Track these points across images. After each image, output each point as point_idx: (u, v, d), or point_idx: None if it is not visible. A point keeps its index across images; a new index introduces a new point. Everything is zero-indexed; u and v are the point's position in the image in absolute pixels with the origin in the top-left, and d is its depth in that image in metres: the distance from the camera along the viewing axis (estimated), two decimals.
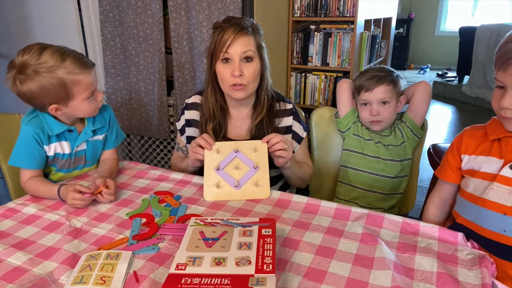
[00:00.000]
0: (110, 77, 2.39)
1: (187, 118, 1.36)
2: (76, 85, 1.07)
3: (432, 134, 3.69)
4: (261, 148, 1.12)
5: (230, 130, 1.31)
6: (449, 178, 1.03)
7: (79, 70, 1.06)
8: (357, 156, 1.39)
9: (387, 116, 1.31)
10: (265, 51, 1.24)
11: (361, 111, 1.34)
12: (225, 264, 0.73)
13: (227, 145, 1.13)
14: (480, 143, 0.96)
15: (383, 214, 0.98)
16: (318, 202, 1.05)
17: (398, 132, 1.36)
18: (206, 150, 1.12)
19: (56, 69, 1.03)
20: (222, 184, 1.10)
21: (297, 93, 2.82)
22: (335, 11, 2.56)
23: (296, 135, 1.32)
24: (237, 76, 1.15)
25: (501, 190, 0.88)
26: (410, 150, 1.37)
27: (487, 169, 0.92)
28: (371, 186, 1.37)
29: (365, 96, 1.30)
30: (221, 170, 1.10)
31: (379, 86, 1.28)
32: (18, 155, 1.13)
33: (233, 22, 1.17)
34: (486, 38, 4.44)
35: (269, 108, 1.28)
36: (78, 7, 2.26)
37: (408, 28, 6.61)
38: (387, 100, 1.29)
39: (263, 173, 1.10)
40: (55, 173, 1.23)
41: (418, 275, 0.76)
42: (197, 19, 2.02)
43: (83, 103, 1.11)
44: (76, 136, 1.19)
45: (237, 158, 1.12)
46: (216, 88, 1.26)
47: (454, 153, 1.01)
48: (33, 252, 0.85)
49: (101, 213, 1.03)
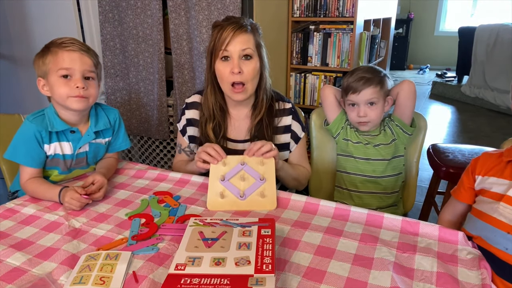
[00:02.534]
0: (109, 78, 2.38)
1: (188, 118, 1.35)
2: (52, 58, 1.10)
3: (431, 134, 3.69)
4: (268, 161, 1.10)
5: (229, 130, 1.31)
6: (462, 198, 1.07)
7: (63, 46, 1.10)
8: (348, 160, 1.40)
9: (375, 118, 1.32)
10: (264, 50, 1.24)
11: (349, 111, 1.35)
12: (225, 264, 0.73)
13: (233, 158, 1.12)
14: (495, 165, 0.99)
15: (383, 214, 0.98)
16: (317, 201, 1.05)
17: (388, 130, 1.36)
18: (213, 166, 1.11)
19: (52, 45, 1.12)
20: (226, 194, 1.06)
21: (297, 93, 2.82)
22: (334, 11, 2.56)
23: (294, 135, 1.32)
24: (236, 73, 1.15)
25: (507, 210, 0.90)
26: (401, 147, 1.37)
27: (497, 189, 0.95)
28: (365, 187, 1.37)
29: (352, 98, 1.31)
30: (226, 180, 1.08)
31: (367, 88, 1.28)
32: (15, 149, 1.13)
33: (232, 21, 1.18)
34: (485, 38, 4.44)
35: (268, 108, 1.28)
36: (77, 7, 2.26)
37: (407, 28, 6.61)
38: (374, 101, 1.30)
39: (269, 185, 1.07)
40: (58, 175, 1.21)
41: (418, 275, 0.76)
42: (197, 19, 2.02)
43: (57, 82, 1.10)
44: (79, 138, 1.19)
45: (243, 170, 1.09)
46: (215, 88, 1.26)
47: (469, 174, 1.05)
48: (32, 253, 0.85)
49: (100, 213, 1.03)
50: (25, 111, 1.18)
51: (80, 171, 1.25)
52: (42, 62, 1.11)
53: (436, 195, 1.77)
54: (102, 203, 1.08)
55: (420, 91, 5.45)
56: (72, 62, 1.10)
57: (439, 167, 1.63)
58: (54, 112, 1.15)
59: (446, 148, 1.76)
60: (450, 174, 1.59)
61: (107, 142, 1.28)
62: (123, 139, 1.32)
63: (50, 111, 1.15)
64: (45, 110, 1.16)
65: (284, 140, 1.31)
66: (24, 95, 2.67)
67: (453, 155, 1.67)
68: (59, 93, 1.10)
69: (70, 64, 1.09)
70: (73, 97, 1.11)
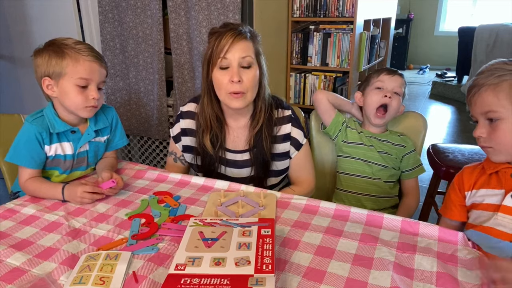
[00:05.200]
0: (109, 78, 2.38)
1: (183, 127, 1.32)
2: (72, 64, 1.08)
3: (431, 134, 3.69)
4: (269, 195, 1.09)
5: (228, 141, 1.28)
6: (454, 216, 1.03)
7: (83, 54, 1.09)
8: (347, 161, 1.40)
9: (394, 107, 1.32)
10: (263, 58, 1.20)
11: (373, 95, 1.33)
12: (225, 264, 0.73)
13: (234, 193, 1.11)
14: (479, 177, 0.98)
15: (383, 214, 0.98)
16: (317, 202, 1.05)
17: (395, 149, 1.37)
18: (213, 194, 1.10)
19: (67, 47, 1.08)
20: (220, 215, 1.01)
21: (297, 93, 2.83)
22: (334, 11, 2.57)
23: (295, 141, 1.27)
24: (236, 82, 1.11)
25: (506, 220, 0.88)
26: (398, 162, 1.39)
27: (490, 200, 0.93)
28: (363, 189, 1.37)
29: (384, 79, 1.33)
30: (223, 206, 1.04)
31: (399, 76, 1.35)
32: (17, 152, 1.12)
33: (231, 27, 1.14)
34: (485, 38, 4.44)
35: (268, 118, 1.24)
36: (77, 7, 2.26)
37: (407, 28, 6.61)
38: (398, 92, 1.33)
39: (269, 212, 1.01)
40: (59, 175, 1.21)
41: (418, 275, 0.76)
42: (197, 19, 2.02)
43: (72, 89, 1.09)
44: (79, 137, 1.19)
45: (242, 200, 1.06)
46: (212, 98, 1.21)
47: (457, 192, 1.03)
48: (32, 253, 0.85)
49: (100, 213, 1.03)
50: (25, 111, 1.18)
51: (79, 173, 1.25)
52: (55, 63, 1.08)
53: (436, 195, 1.77)
54: (102, 203, 1.08)
55: (420, 91, 5.45)
56: (92, 73, 1.10)
57: (439, 167, 1.63)
58: (53, 113, 1.15)
59: (446, 148, 1.76)
60: (450, 174, 1.59)
61: (106, 140, 1.28)
62: (120, 136, 1.33)
63: (50, 112, 1.15)
64: (43, 110, 1.15)
65: (284, 148, 1.27)
66: (24, 95, 2.67)
67: (453, 155, 1.67)
68: (74, 102, 1.10)
69: (90, 75, 1.10)
70: (87, 107, 1.12)
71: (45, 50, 1.10)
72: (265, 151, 1.24)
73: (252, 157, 1.26)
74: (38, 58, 1.10)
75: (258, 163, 1.26)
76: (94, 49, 1.13)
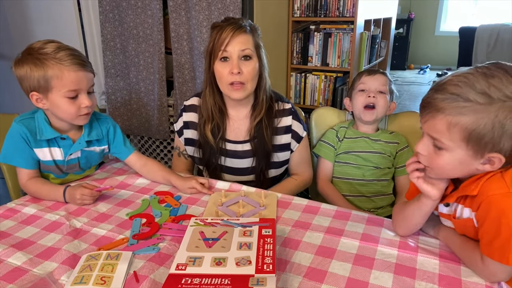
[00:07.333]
0: (110, 77, 2.38)
1: (185, 120, 1.35)
2: (56, 77, 1.03)
3: None
4: (270, 194, 1.10)
5: (228, 131, 1.31)
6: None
7: (65, 64, 1.03)
8: (338, 165, 1.40)
9: (382, 105, 1.33)
10: (263, 51, 1.24)
11: (357, 97, 1.36)
12: (225, 264, 0.73)
13: (234, 193, 1.12)
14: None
15: None
16: (318, 204, 1.05)
17: (389, 147, 1.37)
18: (213, 194, 1.11)
19: (47, 57, 1.02)
20: (221, 215, 1.01)
21: (297, 93, 2.83)
22: (335, 11, 2.56)
23: (296, 134, 1.31)
24: (236, 73, 1.16)
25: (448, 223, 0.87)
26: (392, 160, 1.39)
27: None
28: (357, 191, 1.37)
29: (365, 80, 1.35)
30: (224, 206, 1.05)
31: (380, 75, 1.36)
32: (8, 152, 1.12)
33: (231, 22, 1.18)
34: (486, 38, 4.44)
35: (268, 109, 1.28)
36: (78, 7, 2.26)
37: (408, 28, 6.60)
38: (383, 90, 1.34)
39: (269, 212, 1.01)
40: (55, 178, 1.20)
41: (420, 275, 0.76)
42: (197, 19, 2.02)
43: (62, 101, 1.06)
44: (70, 144, 1.15)
45: (243, 200, 1.07)
46: (214, 89, 1.26)
47: None
48: (33, 253, 0.85)
49: (101, 213, 1.03)
50: (25, 111, 1.17)
51: (75, 176, 1.23)
52: (38, 76, 1.03)
53: None
54: (103, 203, 1.08)
55: (421, 91, 5.44)
56: (79, 82, 1.06)
57: None
58: (44, 119, 1.12)
59: None
60: None
61: (102, 150, 1.24)
62: (123, 147, 1.26)
63: (40, 118, 1.12)
64: (35, 114, 1.13)
65: (285, 140, 1.31)
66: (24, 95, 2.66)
67: None
68: (66, 112, 1.08)
69: (77, 85, 1.06)
70: (81, 116, 1.10)
71: (25, 61, 1.04)
72: (266, 141, 1.26)
73: (253, 147, 1.29)
74: (19, 69, 1.05)
75: (259, 153, 1.28)
76: (76, 53, 1.07)
